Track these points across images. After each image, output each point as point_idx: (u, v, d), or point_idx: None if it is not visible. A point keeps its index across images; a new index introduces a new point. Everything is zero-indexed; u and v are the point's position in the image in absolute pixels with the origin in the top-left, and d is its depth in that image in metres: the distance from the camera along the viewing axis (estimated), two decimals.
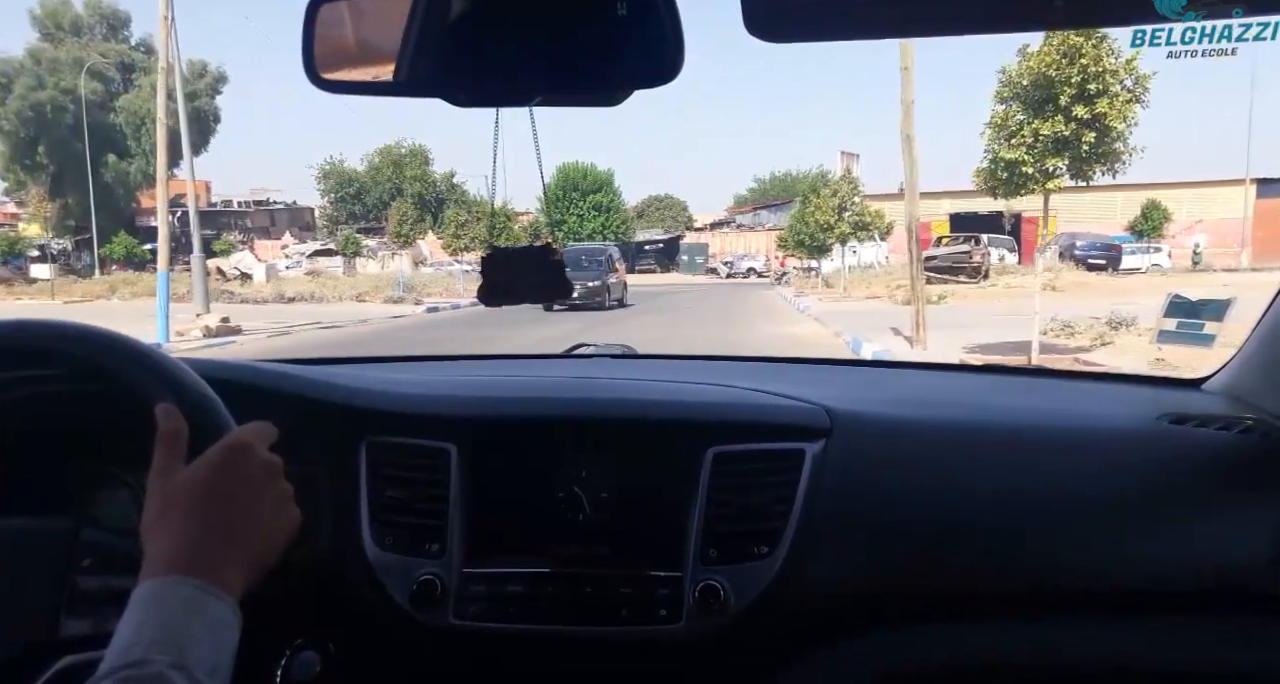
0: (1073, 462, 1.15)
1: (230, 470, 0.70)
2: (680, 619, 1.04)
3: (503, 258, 0.96)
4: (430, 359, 1.83)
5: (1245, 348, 1.33)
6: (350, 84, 0.82)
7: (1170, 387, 1.54)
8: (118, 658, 0.57)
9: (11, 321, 0.85)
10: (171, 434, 0.72)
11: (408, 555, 1.08)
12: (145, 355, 0.81)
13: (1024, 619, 1.09)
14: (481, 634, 1.06)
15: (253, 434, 0.74)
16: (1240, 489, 1.14)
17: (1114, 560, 1.08)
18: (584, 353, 1.80)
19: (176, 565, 0.63)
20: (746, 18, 0.65)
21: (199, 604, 0.61)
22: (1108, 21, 0.75)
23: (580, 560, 1.10)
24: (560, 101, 0.88)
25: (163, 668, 0.56)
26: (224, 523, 0.66)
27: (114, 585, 0.72)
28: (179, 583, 0.62)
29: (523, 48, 0.74)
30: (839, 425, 1.15)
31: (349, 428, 1.14)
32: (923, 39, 1.27)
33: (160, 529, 0.66)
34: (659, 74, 0.72)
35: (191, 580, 0.62)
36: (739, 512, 1.08)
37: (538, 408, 1.23)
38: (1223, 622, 1.08)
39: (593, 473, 1.15)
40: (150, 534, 0.66)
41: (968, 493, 1.13)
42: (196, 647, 0.58)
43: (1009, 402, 1.44)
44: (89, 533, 0.75)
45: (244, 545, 0.67)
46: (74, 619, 0.71)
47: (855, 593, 1.08)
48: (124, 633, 0.59)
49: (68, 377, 0.85)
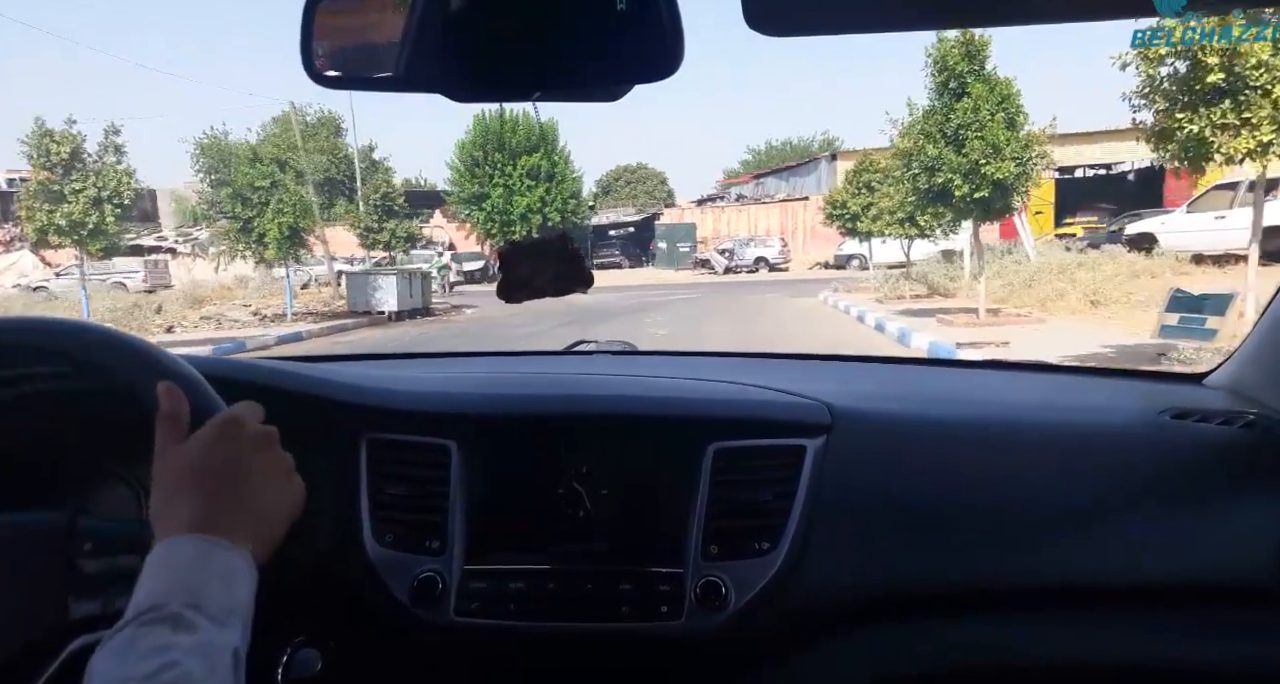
0: (1075, 457, 1.15)
1: (224, 443, 0.71)
2: (681, 616, 1.04)
3: (523, 251, 0.95)
4: (430, 356, 1.83)
5: (1247, 343, 1.33)
6: (349, 79, 0.82)
7: (1172, 381, 1.54)
8: (134, 611, 0.59)
9: (12, 319, 0.85)
10: (172, 413, 0.73)
11: (408, 553, 1.08)
12: (137, 347, 0.82)
13: (1025, 614, 1.09)
14: (482, 631, 1.06)
15: (241, 410, 0.76)
16: (1242, 484, 1.14)
17: (1116, 555, 1.08)
18: (584, 349, 1.80)
19: (186, 528, 0.65)
20: (747, 13, 0.65)
21: (208, 554, 0.63)
22: (1106, 15, 0.74)
23: (581, 557, 1.10)
24: (559, 96, 0.88)
25: (178, 608, 0.58)
26: (227, 490, 0.68)
27: (118, 565, 0.74)
28: (187, 540, 0.64)
29: (522, 42, 0.74)
30: (840, 421, 1.15)
31: (349, 425, 1.14)
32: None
33: (168, 501, 0.68)
34: (658, 68, 0.72)
35: (198, 536, 0.64)
36: (740, 508, 1.08)
37: (538, 405, 1.23)
38: (1224, 616, 1.08)
39: (593, 469, 1.14)
40: (159, 508, 0.68)
41: (969, 488, 1.13)
42: (209, 589, 0.61)
43: (1011, 397, 1.44)
44: (87, 521, 0.76)
45: (248, 510, 0.69)
46: (82, 602, 0.73)
47: (856, 589, 1.08)
48: (139, 593, 0.61)
49: (62, 372, 0.85)
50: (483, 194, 32.73)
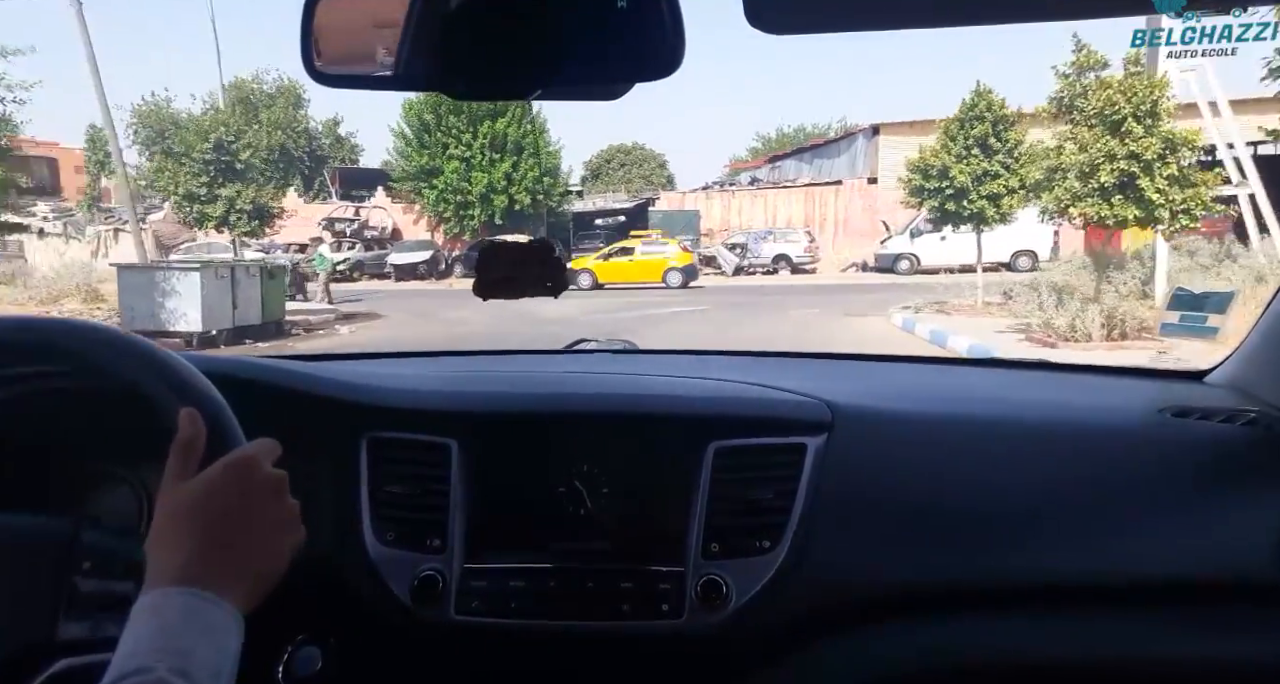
0: (1076, 455, 1.15)
1: (233, 486, 0.69)
2: (682, 614, 1.04)
3: (501, 251, 0.96)
4: (431, 355, 1.83)
5: (1248, 341, 1.33)
6: (350, 77, 0.82)
7: (1173, 379, 1.54)
8: (119, 669, 0.57)
9: (19, 318, 0.85)
10: (188, 441, 0.72)
11: (409, 551, 1.08)
12: (160, 359, 0.81)
13: (1025, 612, 1.09)
14: (483, 630, 1.06)
15: (257, 449, 0.74)
16: (1243, 481, 1.14)
17: (1117, 553, 1.08)
18: (585, 348, 1.80)
19: (176, 577, 0.63)
20: (748, 10, 0.65)
21: (197, 611, 0.61)
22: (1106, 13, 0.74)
23: (581, 555, 1.10)
24: (560, 95, 0.88)
25: (163, 673, 0.56)
26: (225, 538, 0.66)
27: (113, 590, 0.72)
28: (177, 593, 0.62)
29: (523, 41, 0.74)
30: (840, 420, 1.15)
31: (350, 424, 1.14)
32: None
33: (163, 543, 0.66)
34: (659, 66, 0.72)
35: (189, 590, 0.62)
36: (741, 506, 1.08)
37: (539, 403, 1.23)
38: (1225, 613, 1.08)
39: (594, 468, 1.14)
40: (154, 547, 0.66)
41: (970, 487, 1.13)
42: (197, 652, 0.59)
43: (1011, 395, 1.44)
44: (89, 535, 0.75)
45: (244, 560, 0.67)
46: (72, 622, 0.71)
47: (857, 587, 1.08)
48: (125, 645, 0.59)
49: (65, 372, 0.85)
50: (434, 168, 25.87)
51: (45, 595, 0.71)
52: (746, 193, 29.31)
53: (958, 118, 13.45)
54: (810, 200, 27.17)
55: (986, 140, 13.06)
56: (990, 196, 12.71)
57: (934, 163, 13.27)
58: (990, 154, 12.97)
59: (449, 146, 25.70)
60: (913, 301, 12.97)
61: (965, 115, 13.38)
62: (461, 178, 25.56)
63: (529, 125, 25.26)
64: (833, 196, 26.72)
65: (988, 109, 13.28)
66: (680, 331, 11.62)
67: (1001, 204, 12.76)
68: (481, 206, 25.63)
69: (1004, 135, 13.18)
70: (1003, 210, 12.77)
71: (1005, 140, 13.12)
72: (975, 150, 13.00)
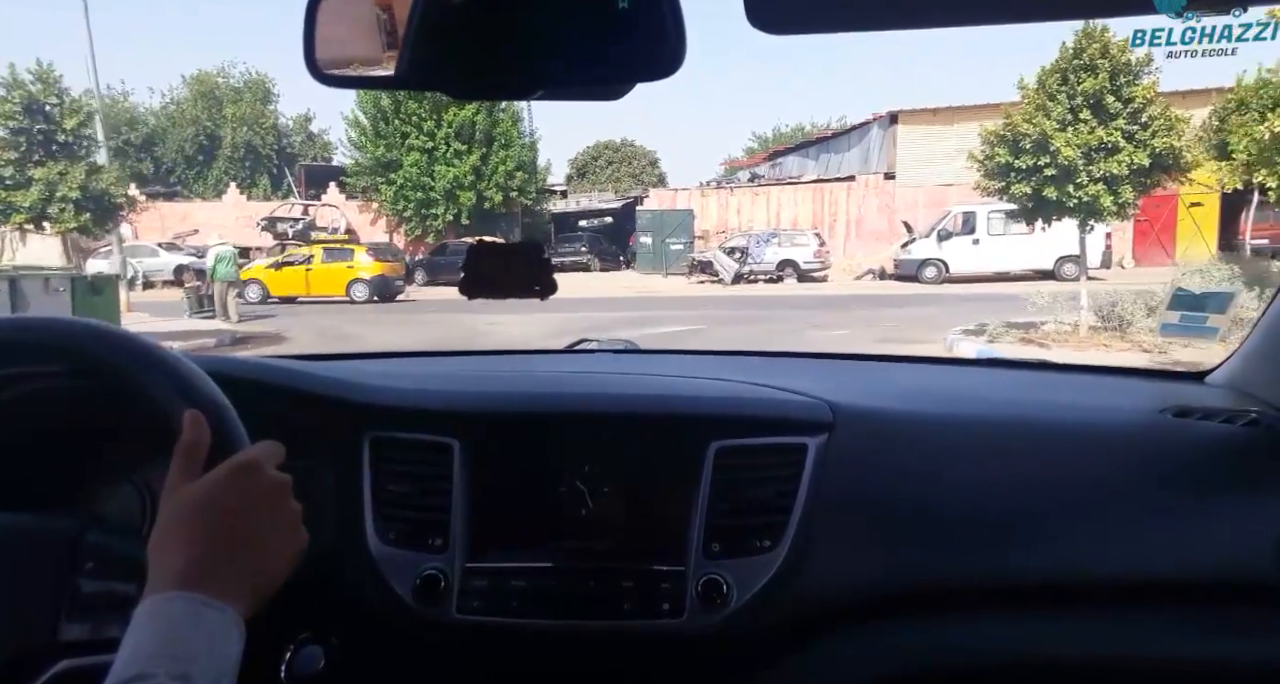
0: (1077, 455, 1.15)
1: (237, 490, 0.69)
2: (683, 613, 1.04)
3: (490, 250, 0.96)
4: (433, 355, 1.83)
5: (1249, 341, 1.33)
6: (351, 78, 0.82)
7: (1174, 380, 1.54)
8: (119, 675, 0.57)
9: (21, 318, 0.85)
10: (192, 444, 0.71)
11: (411, 550, 1.08)
12: (164, 360, 0.81)
13: (1027, 613, 1.09)
14: (484, 629, 1.06)
15: (261, 453, 0.74)
16: (1244, 482, 1.14)
17: (1118, 554, 1.08)
18: (587, 348, 1.80)
19: (178, 581, 0.63)
20: (749, 9, 0.65)
21: (197, 616, 0.61)
22: (1106, 13, 0.74)
23: (583, 555, 1.10)
24: (561, 95, 0.88)
25: (164, 679, 0.56)
26: (227, 542, 0.66)
27: (115, 591, 0.72)
28: (177, 598, 0.62)
29: (524, 41, 0.74)
30: (842, 419, 1.15)
31: (352, 423, 1.14)
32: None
33: (164, 546, 0.66)
34: (660, 67, 0.72)
35: (189, 595, 0.62)
36: (742, 506, 1.08)
37: (541, 403, 1.23)
38: (1226, 613, 1.08)
39: (595, 468, 1.15)
40: (155, 550, 0.66)
41: (971, 487, 1.13)
42: (197, 658, 0.59)
43: (1012, 395, 1.44)
44: (93, 535, 0.75)
45: (246, 564, 0.67)
46: (73, 623, 0.71)
47: (858, 587, 1.08)
48: (125, 650, 0.59)
49: (75, 373, 0.85)
50: (392, 161, 22.82)
51: (47, 596, 0.71)
52: (746, 190, 26.29)
53: (1056, 68, 9.54)
54: (819, 198, 24.23)
55: (1101, 99, 9.16)
56: (1106, 180, 8.91)
57: (1027, 132, 9.25)
58: (1107, 119, 9.11)
59: (409, 136, 22.66)
60: (976, 321, 9.28)
61: (1068, 65, 9.39)
62: (423, 172, 22.59)
63: (501, 114, 22.15)
64: (844, 194, 23.94)
65: (1102, 55, 9.16)
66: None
67: (1121, 191, 9.00)
68: (446, 204, 22.85)
69: (1124, 91, 9.19)
70: (1122, 200, 9.05)
71: (1128, 99, 9.15)
72: (1085, 113, 9.11)
